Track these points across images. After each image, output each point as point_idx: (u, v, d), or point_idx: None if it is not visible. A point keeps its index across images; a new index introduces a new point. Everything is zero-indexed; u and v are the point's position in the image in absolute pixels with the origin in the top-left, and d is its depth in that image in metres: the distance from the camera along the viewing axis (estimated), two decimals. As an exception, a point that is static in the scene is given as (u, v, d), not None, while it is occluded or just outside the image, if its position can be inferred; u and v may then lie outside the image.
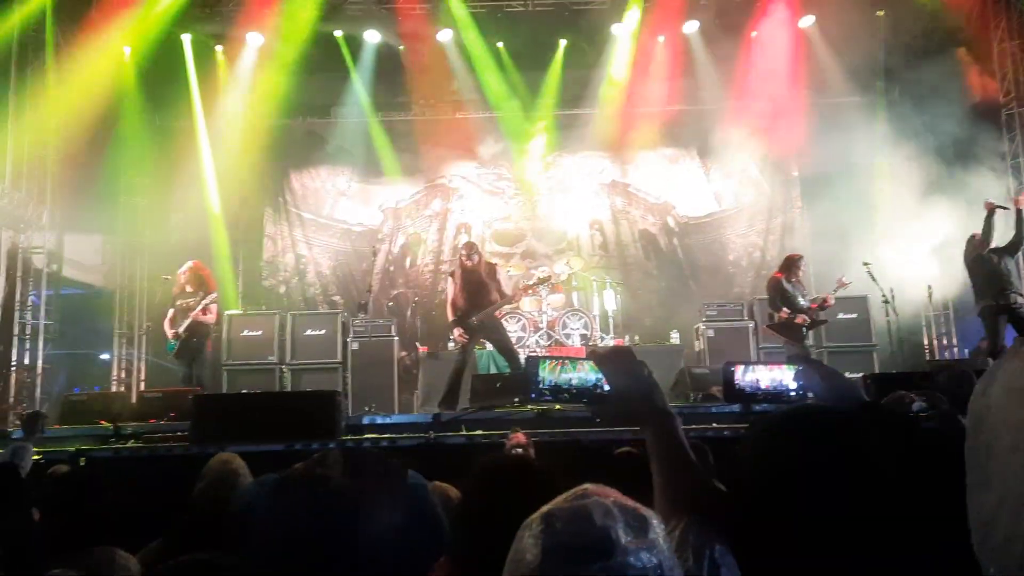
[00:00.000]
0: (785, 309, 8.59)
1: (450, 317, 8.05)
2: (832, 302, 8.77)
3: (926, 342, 12.08)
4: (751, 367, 1.89)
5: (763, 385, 1.87)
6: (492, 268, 8.22)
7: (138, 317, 12.14)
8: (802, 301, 8.64)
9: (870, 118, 12.19)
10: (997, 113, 11.31)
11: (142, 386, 11.59)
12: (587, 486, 1.09)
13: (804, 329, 8.64)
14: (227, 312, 10.64)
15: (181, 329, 8.57)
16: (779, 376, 1.83)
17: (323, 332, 10.36)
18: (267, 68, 12.10)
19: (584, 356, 1.49)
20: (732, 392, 1.88)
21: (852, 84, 12.21)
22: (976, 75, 11.43)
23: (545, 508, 1.05)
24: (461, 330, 7.91)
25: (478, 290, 7.96)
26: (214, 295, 8.75)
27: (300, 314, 10.95)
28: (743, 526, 1.25)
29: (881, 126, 12.16)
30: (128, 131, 11.63)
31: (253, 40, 11.98)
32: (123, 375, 11.92)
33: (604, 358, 1.43)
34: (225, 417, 5.92)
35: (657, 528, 1.04)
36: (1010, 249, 8.15)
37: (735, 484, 1.34)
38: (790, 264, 8.80)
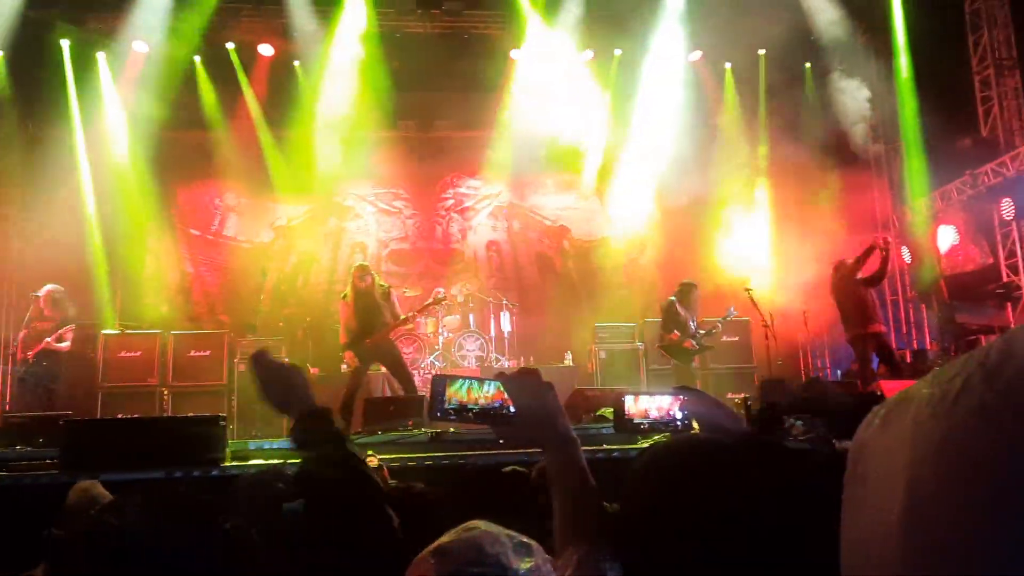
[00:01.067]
0: (676, 332, 8.90)
1: (343, 340, 7.93)
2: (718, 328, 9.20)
3: (802, 365, 12.69)
4: (641, 397, 1.93)
5: (651, 415, 1.91)
6: (386, 291, 8.17)
7: (4, 335, 11.37)
8: (692, 326, 9.00)
9: (752, 147, 12.81)
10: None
11: (7, 408, 10.83)
12: (475, 521, 1.10)
13: (691, 352, 9.03)
14: (103, 332, 10.12)
15: (30, 353, 8.19)
16: (666, 405, 1.87)
17: (208, 353, 9.98)
18: (153, 78, 11.64)
19: (492, 377, 1.49)
20: (622, 422, 1.91)
21: (735, 115, 12.80)
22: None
23: (435, 544, 1.06)
24: (352, 354, 7.81)
25: (372, 312, 7.89)
26: (71, 326, 8.40)
27: (183, 334, 10.52)
28: (629, 555, 1.29)
29: (761, 155, 12.80)
30: (-2, 137, 10.95)
31: (139, 48, 11.50)
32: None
33: (511, 379, 1.44)
34: (99, 443, 5.60)
35: (539, 555, 1.07)
36: (872, 281, 8.61)
37: (622, 512, 1.37)
38: (685, 291, 9.15)
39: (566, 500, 1.37)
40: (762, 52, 12.46)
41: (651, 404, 1.95)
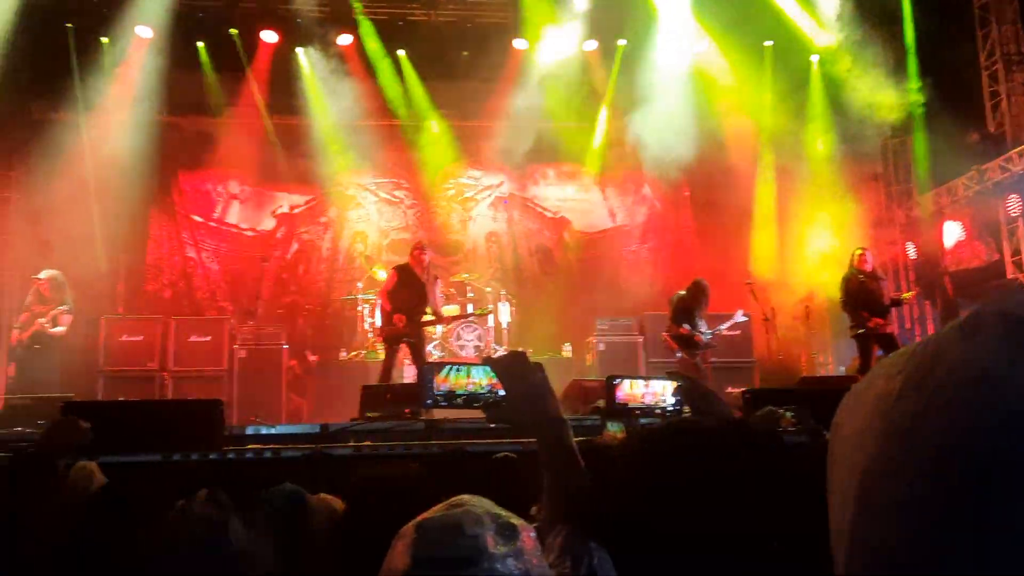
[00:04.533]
0: (686, 326, 8.89)
1: (388, 308, 7.88)
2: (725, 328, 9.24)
3: (803, 360, 12.65)
4: (632, 381, 1.92)
5: (644, 400, 1.90)
6: (434, 277, 8.21)
7: (5, 318, 11.36)
8: (702, 325, 8.99)
9: (752, 138, 12.75)
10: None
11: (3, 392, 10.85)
12: (463, 496, 1.09)
13: (699, 347, 9.04)
14: (105, 316, 10.14)
15: (26, 335, 8.23)
16: (659, 391, 1.86)
17: (208, 339, 10.00)
18: (157, 63, 11.62)
19: (480, 362, 1.48)
20: (613, 406, 1.90)
21: (739, 106, 12.74)
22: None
23: (419, 518, 1.05)
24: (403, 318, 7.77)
25: (420, 293, 7.88)
26: (65, 306, 8.41)
27: (184, 319, 10.54)
28: (618, 536, 1.28)
29: (765, 146, 12.74)
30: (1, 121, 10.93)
31: (143, 33, 11.47)
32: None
33: (498, 363, 1.43)
34: (99, 425, 5.61)
35: (525, 536, 1.06)
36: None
37: (611, 495, 1.37)
38: (697, 289, 9.07)
39: (554, 480, 1.37)
40: (768, 44, 12.39)
41: (644, 390, 1.94)
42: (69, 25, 11.29)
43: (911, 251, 12.14)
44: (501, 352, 11.03)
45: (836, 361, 12.45)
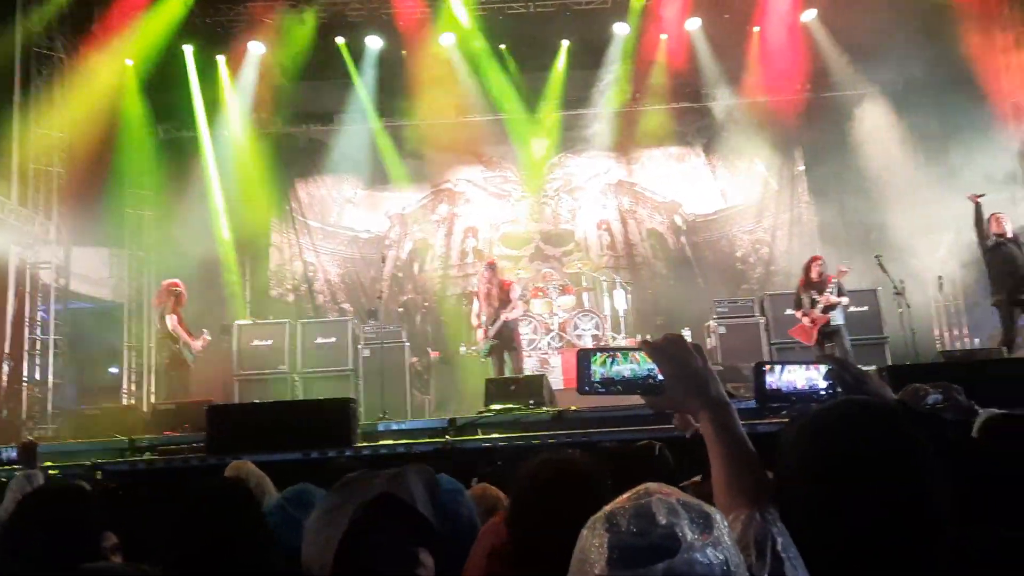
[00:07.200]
0: (798, 310, 8.74)
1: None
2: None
3: (937, 333, 12.00)
4: (785, 367, 1.86)
5: (798, 385, 1.83)
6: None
7: (147, 329, 12.12)
8: (810, 300, 8.79)
9: (874, 110, 12.14)
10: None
11: (152, 398, 11.57)
12: (648, 485, 1.07)
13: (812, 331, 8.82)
14: (236, 322, 10.65)
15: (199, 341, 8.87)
16: (812, 376, 1.80)
17: (333, 340, 10.34)
18: (270, 77, 12.09)
19: (637, 347, 1.46)
20: (764, 393, 1.84)
21: (856, 77, 12.16)
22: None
23: (608, 508, 1.03)
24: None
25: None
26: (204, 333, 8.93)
27: (310, 322, 10.94)
28: (800, 518, 1.24)
29: (886, 118, 12.10)
30: (132, 143, 11.61)
31: (255, 49, 11.96)
32: (133, 388, 11.90)
33: (657, 348, 1.40)
34: (239, 427, 5.91)
35: (721, 524, 1.03)
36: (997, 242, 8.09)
37: (783, 475, 1.33)
38: (805, 268, 9.01)
39: (724, 464, 1.33)
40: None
41: (797, 375, 1.87)
42: (188, 46, 11.86)
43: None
44: (620, 342, 10.95)
45: (972, 332, 11.73)
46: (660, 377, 1.43)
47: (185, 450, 6.14)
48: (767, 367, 1.77)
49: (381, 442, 6.33)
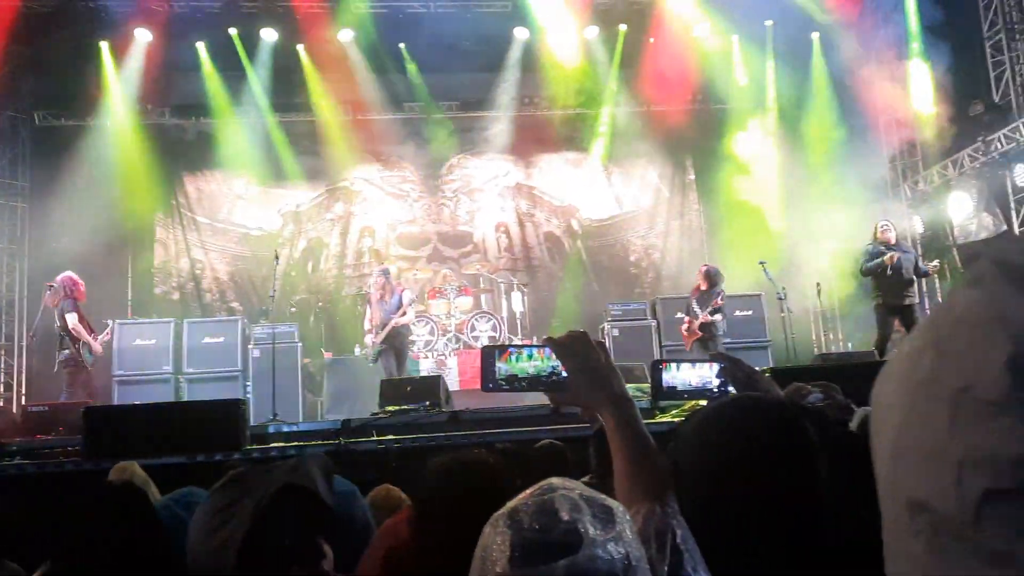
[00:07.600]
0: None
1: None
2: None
3: (814, 337, 12.63)
4: (679, 365, 1.92)
5: (692, 383, 1.90)
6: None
7: (18, 327, 11.39)
8: (695, 307, 9.11)
9: (762, 123, 12.70)
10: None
11: (23, 400, 10.88)
12: (552, 480, 1.07)
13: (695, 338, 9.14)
14: (116, 321, 10.12)
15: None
16: (705, 374, 1.86)
17: (222, 340, 9.99)
18: (157, 66, 11.58)
19: (541, 344, 1.47)
20: (660, 390, 1.89)
21: (743, 91, 12.69)
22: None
23: (510, 504, 1.03)
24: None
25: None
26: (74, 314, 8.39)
27: (196, 321, 10.53)
28: (696, 512, 1.28)
29: (771, 130, 12.68)
30: (7, 129, 10.90)
31: (141, 36, 11.42)
32: (2, 389, 11.16)
33: (561, 344, 1.41)
34: (119, 430, 5.62)
35: (623, 518, 1.04)
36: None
37: (676, 471, 1.37)
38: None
39: (626, 458, 1.36)
40: (769, 23, 12.32)
41: (690, 373, 1.93)
42: (67, 31, 11.22)
43: (918, 224, 12.08)
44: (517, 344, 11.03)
45: (845, 337, 12.43)
46: (564, 373, 1.44)
47: (59, 454, 5.80)
48: (663, 364, 1.82)
49: (272, 444, 6.16)
